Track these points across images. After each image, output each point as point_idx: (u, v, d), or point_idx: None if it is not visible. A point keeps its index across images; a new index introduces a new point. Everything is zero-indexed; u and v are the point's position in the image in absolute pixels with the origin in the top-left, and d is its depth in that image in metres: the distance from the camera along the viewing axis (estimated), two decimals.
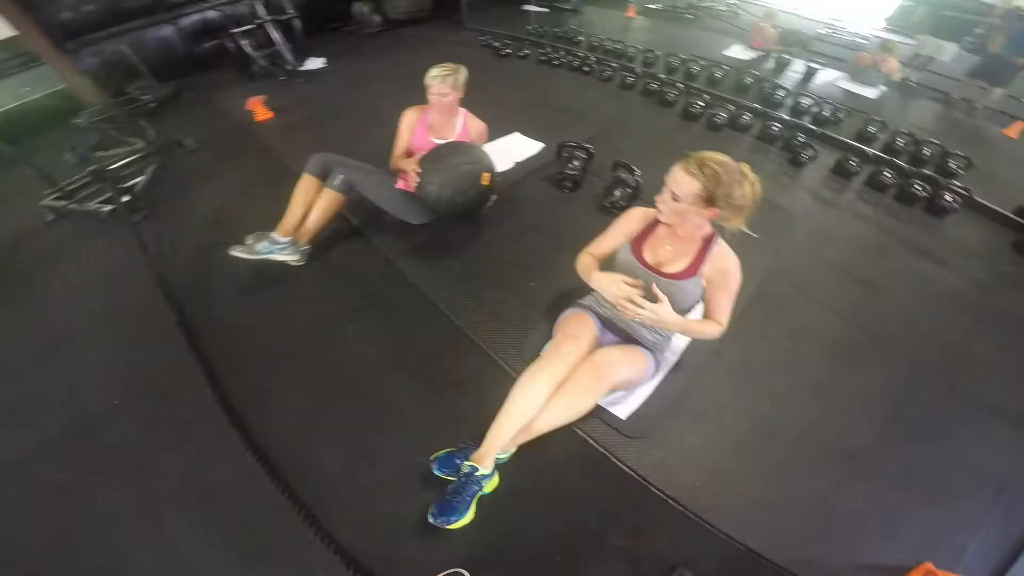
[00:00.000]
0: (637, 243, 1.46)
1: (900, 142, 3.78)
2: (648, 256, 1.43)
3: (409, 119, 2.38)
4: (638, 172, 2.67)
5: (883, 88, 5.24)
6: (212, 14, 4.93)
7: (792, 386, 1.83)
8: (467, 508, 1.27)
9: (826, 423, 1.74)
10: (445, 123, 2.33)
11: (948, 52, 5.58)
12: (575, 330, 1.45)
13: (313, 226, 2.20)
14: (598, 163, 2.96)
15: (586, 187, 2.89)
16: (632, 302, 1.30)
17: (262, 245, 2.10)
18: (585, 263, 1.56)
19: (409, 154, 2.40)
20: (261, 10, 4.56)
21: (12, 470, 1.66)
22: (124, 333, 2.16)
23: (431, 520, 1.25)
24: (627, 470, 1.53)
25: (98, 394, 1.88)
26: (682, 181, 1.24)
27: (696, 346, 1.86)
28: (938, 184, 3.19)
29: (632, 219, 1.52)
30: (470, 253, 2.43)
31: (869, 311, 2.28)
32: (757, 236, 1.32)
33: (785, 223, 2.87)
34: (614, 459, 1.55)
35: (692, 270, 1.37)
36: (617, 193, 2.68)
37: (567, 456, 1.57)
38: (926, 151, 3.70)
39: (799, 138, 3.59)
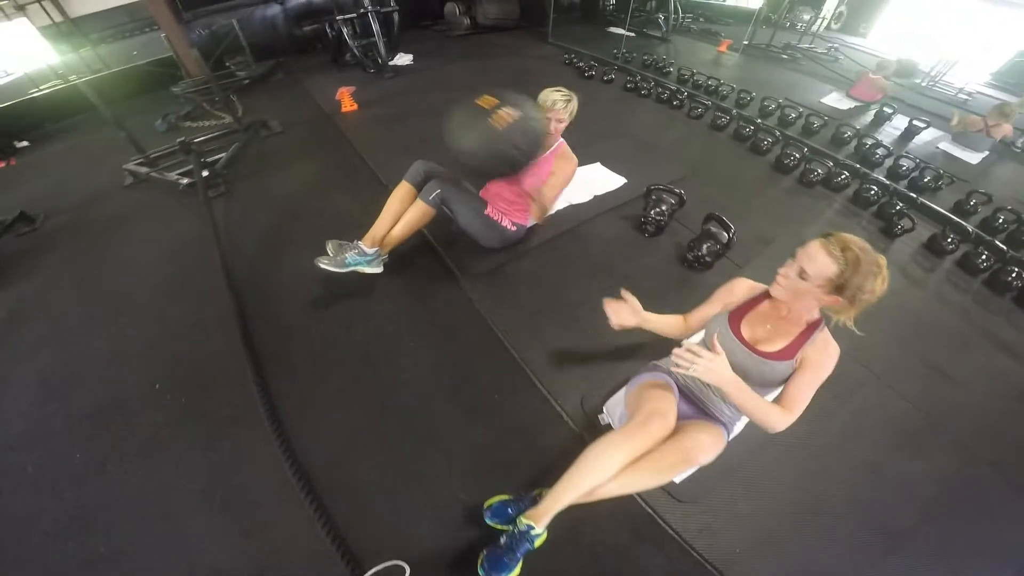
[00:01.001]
0: (736, 316, 1.34)
1: (1001, 218, 3.32)
2: (745, 331, 1.31)
3: None
4: (733, 229, 2.41)
5: (987, 153, 4.69)
6: None
7: (847, 465, 1.74)
8: (516, 564, 1.24)
9: (872, 502, 1.66)
10: None
11: None
12: (663, 406, 1.31)
13: (398, 236, 2.07)
14: (685, 210, 2.72)
15: (668, 234, 2.65)
16: (689, 351, 1.19)
17: (350, 256, 1.98)
18: (672, 321, 1.53)
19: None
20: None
21: (32, 443, 1.60)
22: (179, 314, 2.10)
23: (481, 572, 1.23)
24: (671, 532, 1.46)
25: (139, 374, 1.82)
26: (819, 260, 1.11)
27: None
28: None
29: (736, 290, 1.41)
30: (540, 287, 2.24)
31: (938, 400, 2.07)
32: (863, 335, 1.22)
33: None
34: (660, 520, 1.48)
35: (789, 353, 1.25)
36: (704, 248, 2.43)
37: (611, 512, 1.44)
38: None
39: (895, 206, 3.22)
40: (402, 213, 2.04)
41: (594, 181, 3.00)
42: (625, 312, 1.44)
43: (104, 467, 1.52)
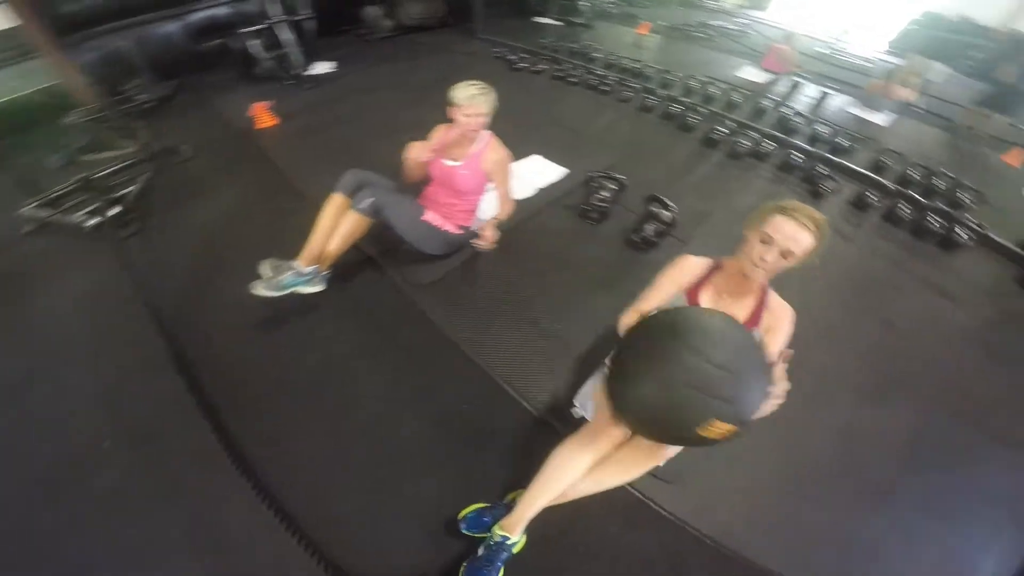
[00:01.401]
0: (693, 295, 1.32)
1: (914, 174, 3.64)
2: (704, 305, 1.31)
3: (436, 136, 2.12)
4: (674, 207, 2.45)
5: (892, 114, 5.11)
6: (222, 11, 4.62)
7: (818, 428, 1.82)
8: (496, 573, 1.24)
9: (850, 461, 1.75)
10: (463, 144, 2.00)
11: (938, 73, 5.47)
12: None
13: (335, 251, 1.94)
14: (625, 193, 2.74)
15: (613, 219, 2.66)
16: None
17: (287, 278, 1.83)
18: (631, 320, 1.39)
19: (424, 174, 2.14)
20: (275, 9, 4.26)
21: None
22: (111, 366, 1.89)
23: None
24: (665, 514, 1.50)
25: (84, 433, 1.65)
26: (800, 238, 1.11)
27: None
28: (952, 219, 3.10)
29: (684, 270, 1.36)
30: (492, 288, 2.19)
31: (888, 350, 2.24)
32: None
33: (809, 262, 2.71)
34: (653, 504, 1.51)
35: (753, 322, 1.27)
36: (649, 228, 2.46)
37: (599, 502, 1.44)
38: (939, 183, 3.56)
39: (819, 169, 3.43)
40: (336, 226, 1.92)
41: (535, 174, 2.97)
42: None
43: (76, 524, 1.41)
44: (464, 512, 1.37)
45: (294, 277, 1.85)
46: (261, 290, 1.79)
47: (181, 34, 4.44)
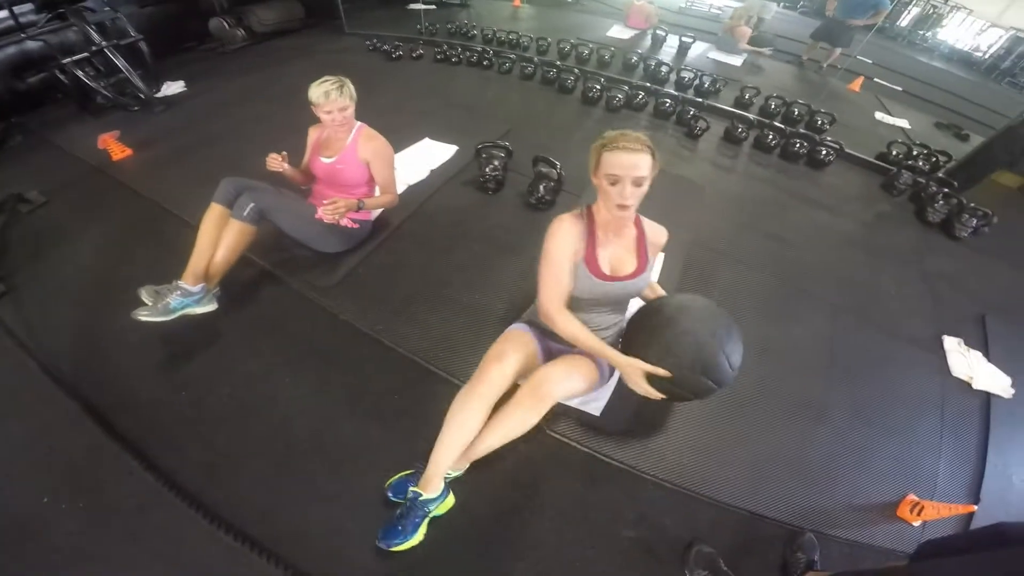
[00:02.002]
0: (589, 258, 1.27)
1: (773, 105, 4.10)
2: (605, 267, 1.29)
3: (311, 137, 2.07)
4: (559, 165, 2.56)
5: (746, 55, 5.67)
6: (32, 44, 4.01)
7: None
8: (414, 531, 1.24)
9: (778, 380, 1.85)
10: (335, 139, 1.99)
11: (770, 11, 6.16)
12: (500, 349, 1.33)
13: (221, 265, 1.82)
14: (516, 160, 2.82)
15: (509, 186, 2.74)
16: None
17: (173, 300, 1.70)
18: (574, 326, 1.29)
19: (310, 177, 2.09)
20: (95, 36, 3.78)
21: None
22: (23, 431, 1.68)
23: (377, 543, 1.24)
24: (616, 463, 1.53)
25: (19, 498, 1.48)
26: (640, 163, 1.13)
27: None
28: (813, 140, 3.54)
29: (567, 234, 1.28)
30: (403, 277, 2.17)
31: (784, 263, 2.49)
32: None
33: (694, 193, 2.97)
34: (600, 455, 1.54)
35: (643, 264, 1.33)
36: (542, 188, 2.56)
37: (544, 459, 1.52)
38: (796, 111, 4.04)
39: (690, 111, 3.74)
40: (219, 239, 1.81)
41: (427, 157, 2.95)
42: (640, 389, 1.28)
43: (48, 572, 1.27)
44: (390, 480, 1.39)
45: (181, 298, 1.72)
46: (145, 316, 1.66)
47: None
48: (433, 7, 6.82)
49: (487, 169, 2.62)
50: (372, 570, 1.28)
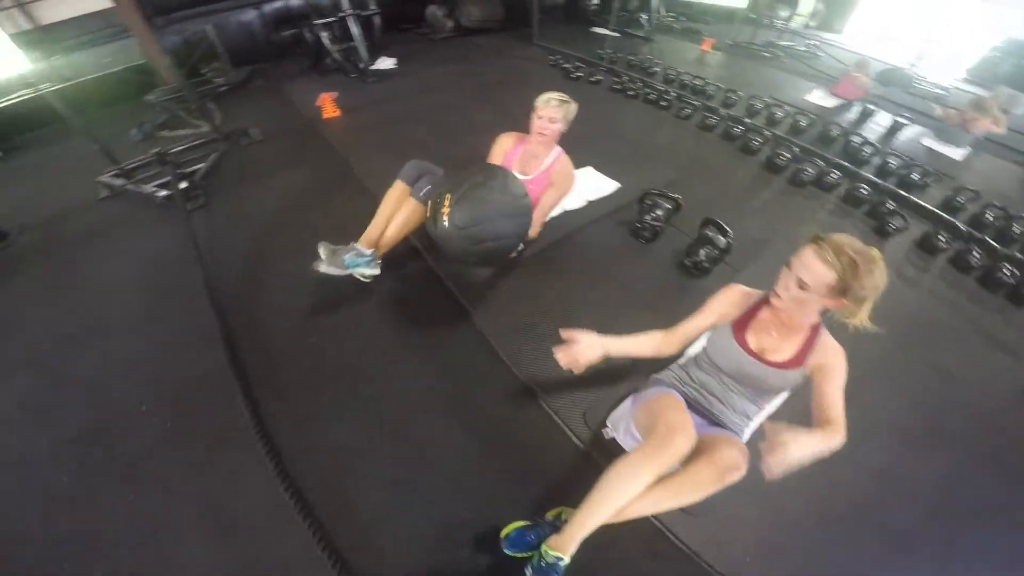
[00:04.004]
0: (739, 326, 1.27)
1: (991, 216, 3.29)
2: (751, 341, 1.25)
3: (503, 145, 2.12)
4: (731, 233, 2.31)
5: (969, 149, 4.70)
6: (296, 2, 4.78)
7: (851, 468, 1.67)
8: None
9: (878, 505, 1.63)
10: (535, 156, 2.03)
11: (1021, 104, 5.00)
12: (682, 418, 1.22)
13: (391, 238, 1.96)
14: (681, 214, 2.61)
15: (665, 239, 2.54)
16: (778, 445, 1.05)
17: (348, 257, 1.86)
18: (649, 342, 1.39)
19: None
20: (345, 2, 4.36)
21: (16, 467, 1.51)
22: (161, 334, 1.96)
23: None
24: (680, 544, 1.42)
25: (123, 397, 1.71)
26: (816, 269, 1.06)
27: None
28: None
29: (731, 299, 1.33)
30: (537, 299, 2.12)
31: (938, 399, 2.06)
32: (880, 330, 1.10)
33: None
34: (669, 534, 1.43)
35: (798, 361, 1.21)
36: (702, 253, 2.33)
37: (618, 527, 1.37)
38: (1017, 228, 3.20)
39: (887, 204, 3.17)
40: (395, 211, 1.95)
41: (587, 186, 2.88)
42: (578, 352, 1.32)
43: (94, 491, 1.44)
44: (507, 530, 1.29)
45: (355, 257, 1.86)
46: (323, 268, 1.82)
47: (258, 23, 4.62)
48: (617, 35, 6.78)
49: (647, 216, 2.46)
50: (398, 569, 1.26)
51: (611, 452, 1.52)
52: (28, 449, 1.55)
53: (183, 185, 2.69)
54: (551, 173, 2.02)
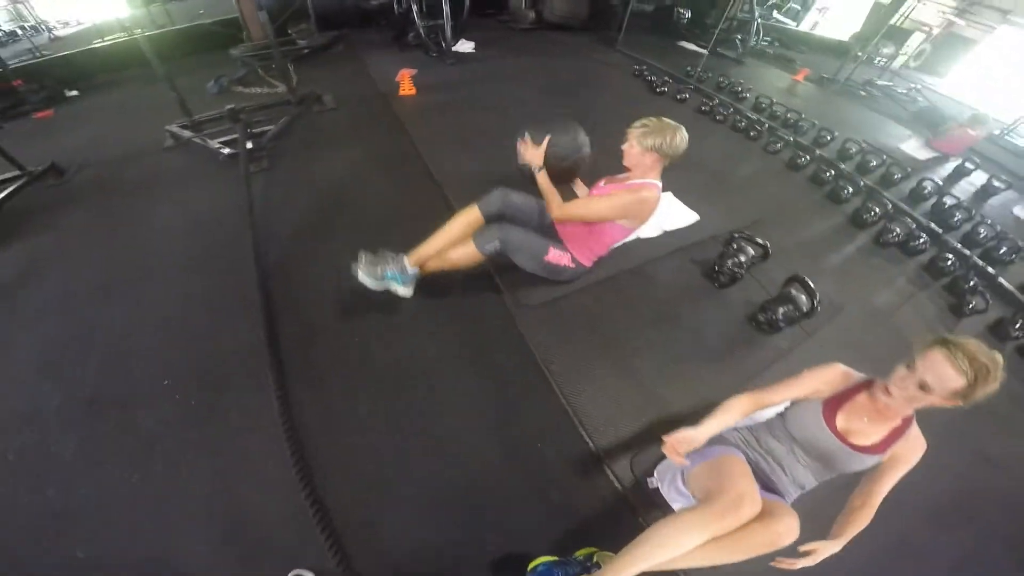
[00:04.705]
0: (831, 406, 1.23)
1: None
2: (840, 422, 1.21)
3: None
4: (818, 297, 2.06)
5: None
6: None
7: (868, 533, 1.44)
8: None
9: (889, 572, 1.51)
10: (622, 178, 1.85)
11: None
12: (751, 488, 1.19)
13: (439, 266, 1.80)
14: (765, 263, 2.38)
15: (740, 288, 2.31)
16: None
17: (390, 269, 1.71)
18: (733, 412, 1.29)
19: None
20: None
21: (20, 425, 1.43)
22: (200, 295, 1.89)
23: None
24: None
25: (148, 364, 1.62)
26: (944, 374, 1.01)
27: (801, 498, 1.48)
28: None
29: (831, 378, 1.27)
30: (596, 328, 1.97)
31: (973, 481, 1.90)
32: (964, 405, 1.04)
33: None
34: None
35: (882, 447, 1.18)
36: (781, 312, 2.10)
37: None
38: None
39: (971, 281, 2.83)
40: (458, 239, 1.77)
41: (665, 214, 2.66)
42: (678, 445, 1.22)
43: (97, 464, 1.35)
44: (534, 563, 1.24)
45: (395, 272, 1.71)
46: (361, 275, 1.69)
47: None
48: (705, 52, 6.41)
49: (729, 261, 2.23)
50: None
51: (651, 503, 1.44)
52: (39, 406, 1.48)
53: (249, 145, 2.63)
54: (620, 189, 1.77)
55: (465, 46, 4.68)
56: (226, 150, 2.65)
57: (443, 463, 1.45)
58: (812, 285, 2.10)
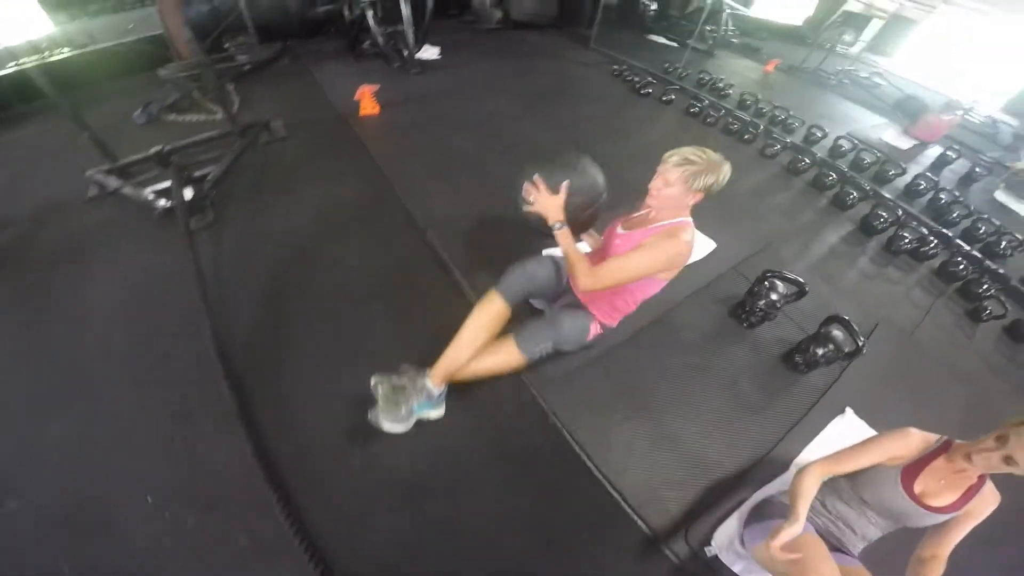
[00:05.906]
0: (909, 473, 1.18)
1: None
2: (917, 487, 1.17)
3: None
4: (863, 340, 1.80)
5: None
6: None
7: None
8: None
9: None
10: (641, 216, 1.46)
11: None
12: (831, 571, 1.08)
13: (471, 374, 1.44)
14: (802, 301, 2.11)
15: (769, 326, 2.05)
16: None
17: (415, 403, 1.37)
18: (807, 494, 1.17)
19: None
20: None
21: None
22: (161, 401, 1.49)
23: None
24: None
25: (121, 478, 1.29)
26: None
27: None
28: None
29: (908, 445, 1.20)
30: (624, 392, 1.70)
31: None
32: None
33: (966, 402, 2.05)
34: None
35: (957, 506, 1.15)
36: (820, 352, 1.85)
37: None
38: None
39: (984, 284, 2.70)
40: (488, 341, 1.43)
41: None
42: (789, 543, 1.12)
43: None
44: None
45: (425, 402, 1.38)
46: (388, 425, 1.32)
47: None
48: (675, 45, 6.16)
49: (760, 301, 1.95)
50: None
51: (710, 570, 1.33)
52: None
53: (188, 195, 2.16)
54: (648, 236, 1.38)
55: (429, 52, 4.23)
56: (161, 201, 2.17)
57: (483, 567, 1.24)
58: (854, 326, 1.84)
